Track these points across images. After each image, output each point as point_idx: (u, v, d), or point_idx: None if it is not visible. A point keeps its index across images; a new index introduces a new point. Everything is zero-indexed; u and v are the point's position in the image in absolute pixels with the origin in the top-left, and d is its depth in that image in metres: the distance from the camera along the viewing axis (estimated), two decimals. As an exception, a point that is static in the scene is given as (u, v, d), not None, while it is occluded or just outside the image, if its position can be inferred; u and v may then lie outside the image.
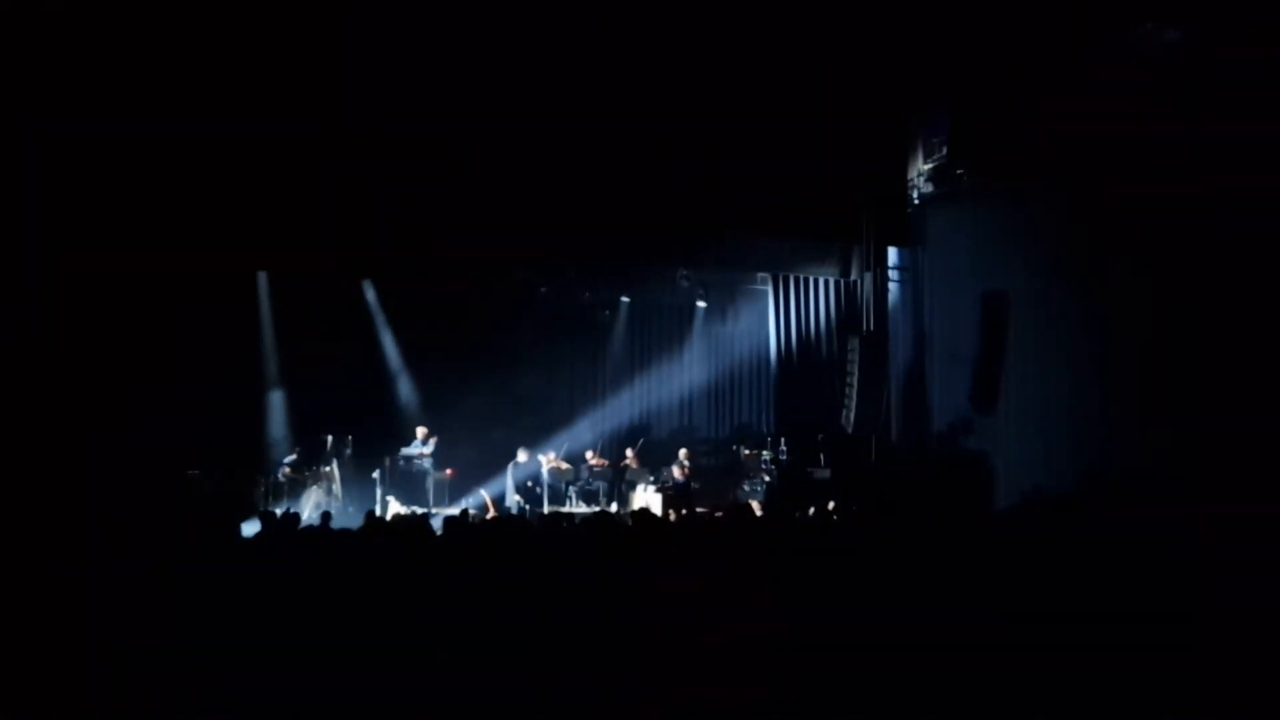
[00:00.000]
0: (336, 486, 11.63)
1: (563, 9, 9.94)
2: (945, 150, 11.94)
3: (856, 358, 12.79)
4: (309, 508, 10.94)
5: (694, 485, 12.29)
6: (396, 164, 10.90)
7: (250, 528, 6.50)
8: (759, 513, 8.36)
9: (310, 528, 6.48)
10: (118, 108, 9.27)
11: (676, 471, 12.35)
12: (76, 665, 3.73)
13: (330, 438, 11.80)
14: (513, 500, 12.04)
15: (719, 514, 9.27)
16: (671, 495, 11.73)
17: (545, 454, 12.49)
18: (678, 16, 10.04)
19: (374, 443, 12.11)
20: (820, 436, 13.01)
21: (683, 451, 12.76)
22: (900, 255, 13.53)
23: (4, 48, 8.61)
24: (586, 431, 13.63)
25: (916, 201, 12.88)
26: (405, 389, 13.20)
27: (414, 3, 9.87)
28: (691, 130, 11.35)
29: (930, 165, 12.39)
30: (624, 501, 12.23)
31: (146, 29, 9.21)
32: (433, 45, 10.08)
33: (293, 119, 10.21)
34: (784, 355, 14.18)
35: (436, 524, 6.79)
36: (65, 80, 8.98)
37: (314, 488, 11.43)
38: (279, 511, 7.60)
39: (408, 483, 11.96)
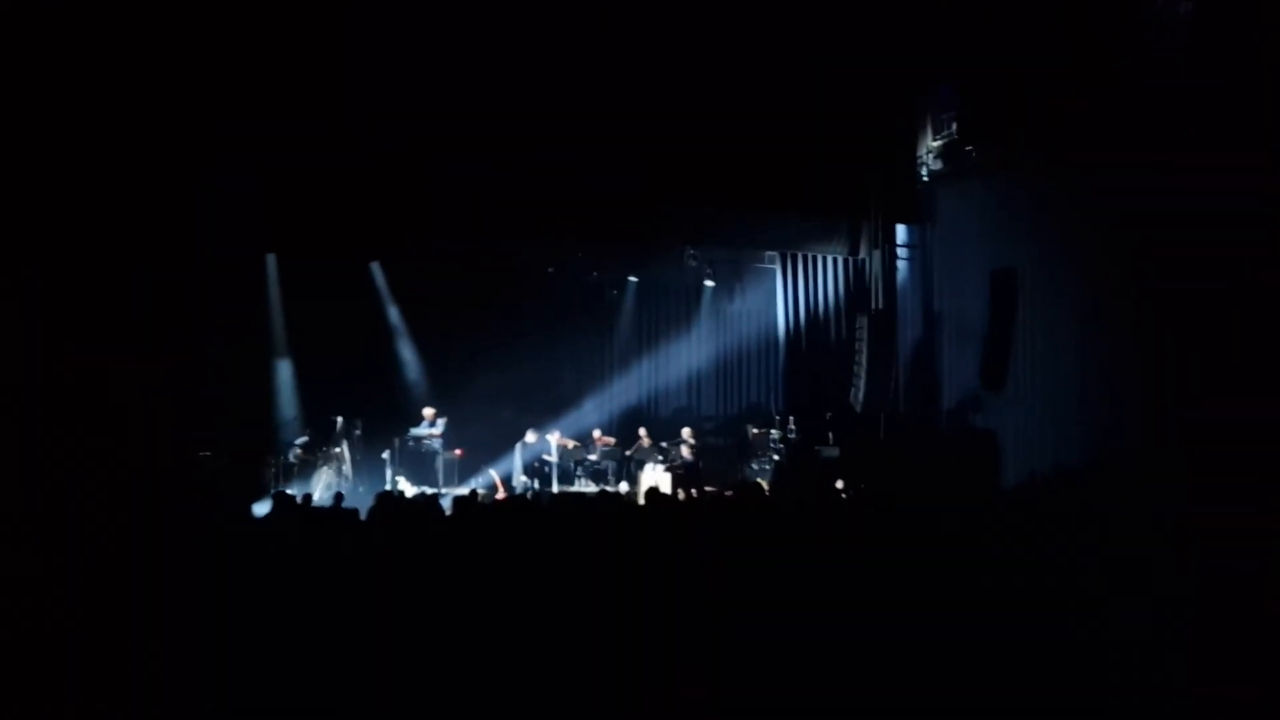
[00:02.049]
0: (347, 467, 11.71)
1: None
2: (955, 127, 11.85)
3: (865, 336, 12.75)
4: (320, 488, 11.03)
5: (700, 465, 12.31)
6: (401, 155, 10.92)
7: (261, 508, 6.57)
8: (768, 492, 8.39)
9: (322, 507, 6.55)
10: (121, 107, 9.32)
11: (685, 451, 12.36)
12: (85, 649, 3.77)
13: (340, 419, 11.86)
14: (521, 480, 12.09)
15: (729, 493, 9.32)
16: (681, 474, 11.75)
17: (553, 433, 12.53)
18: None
19: (383, 424, 12.18)
20: (829, 415, 13.00)
21: (686, 430, 12.76)
22: (909, 233, 13.47)
23: (11, 48, 8.63)
24: (594, 411, 13.66)
25: (925, 178, 12.80)
26: (414, 370, 13.25)
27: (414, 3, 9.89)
28: (699, 109, 11.27)
29: (940, 142, 12.31)
30: (633, 481, 12.26)
31: (150, 30, 9.23)
32: (433, 43, 10.08)
33: (294, 118, 10.24)
34: (792, 334, 14.15)
35: (446, 504, 6.85)
36: (68, 80, 9.02)
37: (325, 469, 11.51)
38: (293, 493, 7.66)
39: (417, 463, 12.04)
